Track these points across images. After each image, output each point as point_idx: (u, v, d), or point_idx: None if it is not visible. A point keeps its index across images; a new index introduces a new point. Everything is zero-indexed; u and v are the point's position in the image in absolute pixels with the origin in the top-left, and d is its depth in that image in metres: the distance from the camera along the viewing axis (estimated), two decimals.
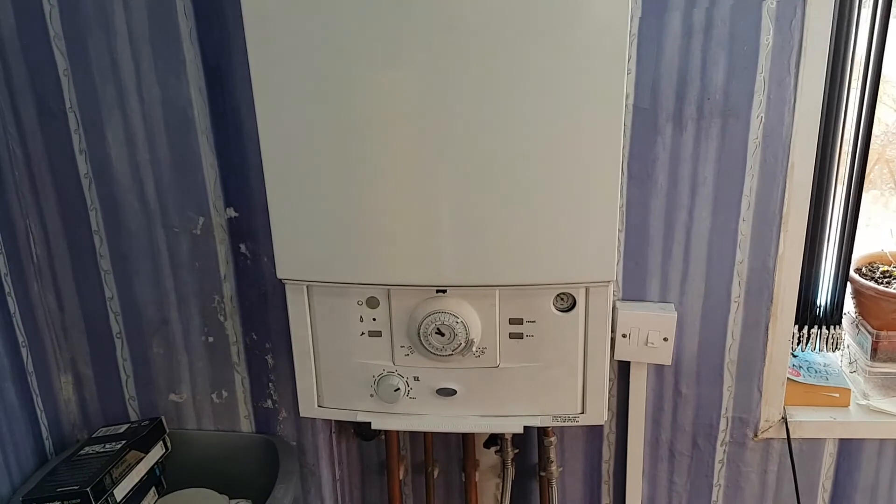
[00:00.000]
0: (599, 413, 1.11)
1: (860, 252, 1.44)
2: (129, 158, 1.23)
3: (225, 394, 1.38)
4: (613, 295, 1.30)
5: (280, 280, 1.07)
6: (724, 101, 1.18)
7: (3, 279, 1.24)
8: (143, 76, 1.18)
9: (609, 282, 1.03)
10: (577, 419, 1.12)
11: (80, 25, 1.16)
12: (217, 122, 1.20)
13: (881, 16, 1.18)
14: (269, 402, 1.37)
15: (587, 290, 1.05)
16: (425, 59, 0.93)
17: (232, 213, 1.25)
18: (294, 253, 1.05)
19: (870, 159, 1.29)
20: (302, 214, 1.02)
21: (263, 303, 1.30)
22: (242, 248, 1.27)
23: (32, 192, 1.26)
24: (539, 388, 1.10)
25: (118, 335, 1.35)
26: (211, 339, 1.34)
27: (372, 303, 1.08)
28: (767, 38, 1.15)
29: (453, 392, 1.11)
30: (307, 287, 1.09)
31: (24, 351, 1.28)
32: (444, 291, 1.06)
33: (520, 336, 1.08)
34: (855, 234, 1.31)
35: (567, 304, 1.06)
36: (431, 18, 0.91)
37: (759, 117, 1.18)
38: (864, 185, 1.30)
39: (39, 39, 1.17)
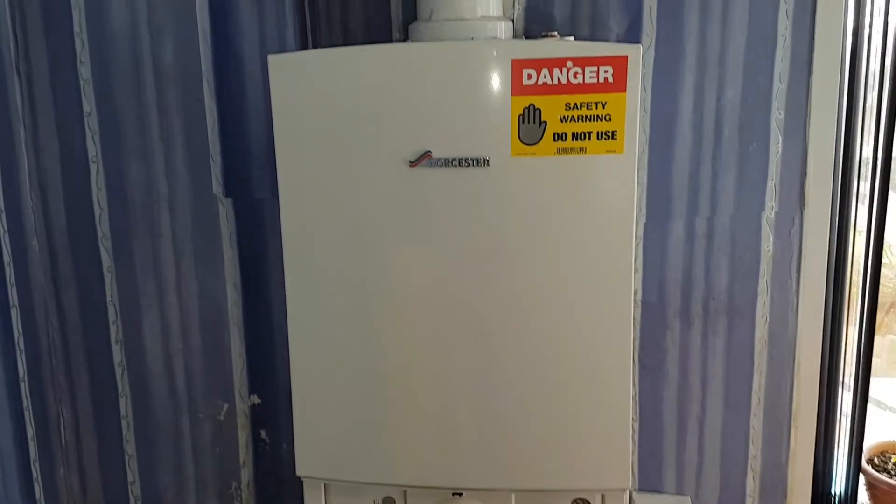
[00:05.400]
0: None
1: (872, 440, 1.45)
2: (162, 348, 1.29)
3: None
4: (630, 486, 1.30)
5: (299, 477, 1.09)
6: (728, 301, 1.23)
7: (33, 465, 1.27)
8: (182, 273, 1.26)
9: (624, 489, 1.05)
10: None
11: (126, 227, 1.26)
12: (248, 314, 1.27)
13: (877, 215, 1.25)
14: None
15: (602, 496, 1.06)
16: (443, 269, 0.99)
17: (255, 399, 1.29)
18: (314, 451, 1.08)
19: (883, 305, 1.30)
20: (324, 415, 1.06)
21: (280, 490, 1.32)
22: (263, 433, 1.30)
23: (67, 378, 1.32)
24: None
25: None
26: None
27: (388, 503, 1.10)
28: (768, 244, 1.21)
29: None
30: (325, 485, 1.11)
31: None
32: (461, 494, 1.07)
33: None
34: (865, 425, 1.33)
35: None
36: (452, 245, 0.99)
37: (764, 317, 1.23)
38: (877, 331, 1.31)
39: (87, 240, 1.26)
